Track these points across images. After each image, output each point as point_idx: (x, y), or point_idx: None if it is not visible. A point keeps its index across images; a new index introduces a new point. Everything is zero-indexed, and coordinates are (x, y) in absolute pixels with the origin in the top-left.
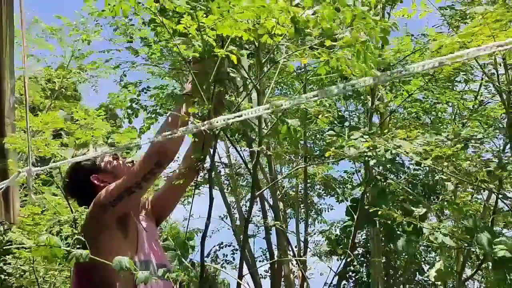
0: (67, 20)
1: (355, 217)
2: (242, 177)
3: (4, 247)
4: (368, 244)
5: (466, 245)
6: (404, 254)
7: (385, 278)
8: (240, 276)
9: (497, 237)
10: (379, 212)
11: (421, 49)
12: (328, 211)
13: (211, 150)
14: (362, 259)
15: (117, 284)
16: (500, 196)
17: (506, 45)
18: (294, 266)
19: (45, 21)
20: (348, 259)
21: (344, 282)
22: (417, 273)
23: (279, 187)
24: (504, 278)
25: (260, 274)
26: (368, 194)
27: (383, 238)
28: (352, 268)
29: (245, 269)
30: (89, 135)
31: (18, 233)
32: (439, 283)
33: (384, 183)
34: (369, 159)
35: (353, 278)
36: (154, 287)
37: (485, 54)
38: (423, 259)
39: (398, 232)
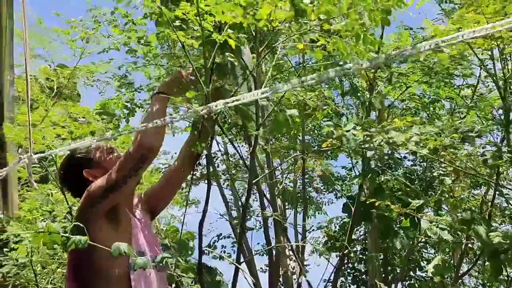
0: (65, 18)
1: (352, 211)
2: (240, 172)
3: (3, 240)
4: (366, 241)
5: (463, 238)
6: (401, 250)
7: (383, 275)
8: (238, 261)
9: (494, 229)
10: (376, 204)
11: (419, 42)
12: (328, 205)
13: (209, 141)
14: (361, 256)
15: (113, 275)
16: (497, 189)
17: (501, 26)
18: (291, 260)
19: (51, 22)
20: (345, 251)
21: (342, 279)
22: (417, 269)
23: (277, 183)
24: (499, 269)
25: (260, 268)
26: (365, 190)
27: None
28: (350, 264)
29: (244, 264)
30: (85, 129)
31: (16, 227)
32: (437, 278)
33: (382, 177)
34: (366, 151)
35: (351, 275)
36: (148, 278)
37: (479, 36)
38: (421, 256)
39: (395, 229)
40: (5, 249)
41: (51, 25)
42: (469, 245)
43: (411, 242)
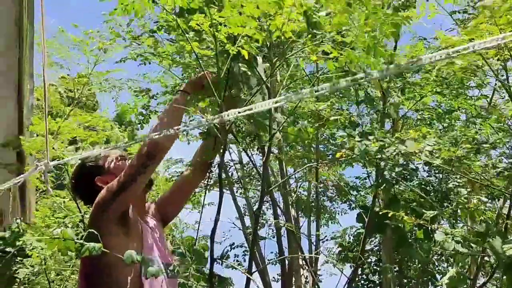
0: (83, 29)
1: (366, 222)
2: (254, 180)
3: (19, 247)
4: (380, 252)
5: (478, 251)
6: (415, 262)
7: (398, 287)
8: (250, 271)
9: (508, 241)
10: (389, 214)
11: (433, 53)
12: (342, 215)
13: (221, 148)
14: (375, 267)
15: (124, 282)
16: None
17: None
18: (304, 268)
19: (71, 32)
20: (359, 262)
21: None
22: (430, 282)
23: (291, 191)
24: None
25: (273, 277)
26: (379, 200)
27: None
28: (364, 275)
29: (257, 273)
30: (96, 137)
31: (30, 234)
32: None
33: (396, 188)
34: (380, 161)
35: (365, 287)
36: (160, 285)
37: (490, 47)
38: (436, 268)
39: (410, 240)
40: (19, 257)
41: (72, 34)
42: (486, 257)
43: (425, 254)
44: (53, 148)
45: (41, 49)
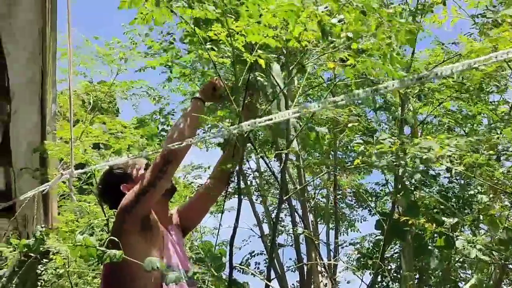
0: (104, 40)
1: (385, 229)
2: (271, 187)
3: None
4: (399, 260)
5: (501, 258)
6: (436, 270)
7: None
8: (269, 278)
9: None
10: (410, 222)
11: (451, 58)
12: (361, 222)
13: (240, 157)
14: (395, 274)
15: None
16: None
17: None
18: (323, 276)
19: (95, 42)
20: (378, 269)
21: None
22: None
23: (309, 198)
24: None
25: (292, 284)
26: (398, 206)
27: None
28: (384, 283)
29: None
30: (123, 144)
31: (54, 239)
32: None
33: (415, 194)
34: (399, 168)
35: None
36: None
37: None
38: (458, 276)
39: (430, 247)
40: (44, 260)
41: (96, 45)
42: (510, 265)
43: (446, 262)
44: (80, 151)
45: (64, 58)
